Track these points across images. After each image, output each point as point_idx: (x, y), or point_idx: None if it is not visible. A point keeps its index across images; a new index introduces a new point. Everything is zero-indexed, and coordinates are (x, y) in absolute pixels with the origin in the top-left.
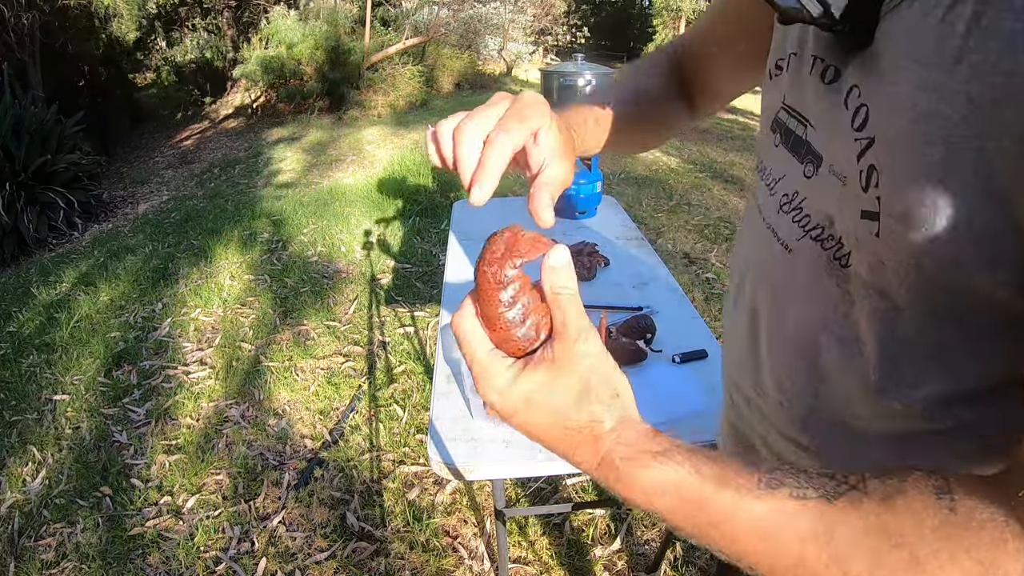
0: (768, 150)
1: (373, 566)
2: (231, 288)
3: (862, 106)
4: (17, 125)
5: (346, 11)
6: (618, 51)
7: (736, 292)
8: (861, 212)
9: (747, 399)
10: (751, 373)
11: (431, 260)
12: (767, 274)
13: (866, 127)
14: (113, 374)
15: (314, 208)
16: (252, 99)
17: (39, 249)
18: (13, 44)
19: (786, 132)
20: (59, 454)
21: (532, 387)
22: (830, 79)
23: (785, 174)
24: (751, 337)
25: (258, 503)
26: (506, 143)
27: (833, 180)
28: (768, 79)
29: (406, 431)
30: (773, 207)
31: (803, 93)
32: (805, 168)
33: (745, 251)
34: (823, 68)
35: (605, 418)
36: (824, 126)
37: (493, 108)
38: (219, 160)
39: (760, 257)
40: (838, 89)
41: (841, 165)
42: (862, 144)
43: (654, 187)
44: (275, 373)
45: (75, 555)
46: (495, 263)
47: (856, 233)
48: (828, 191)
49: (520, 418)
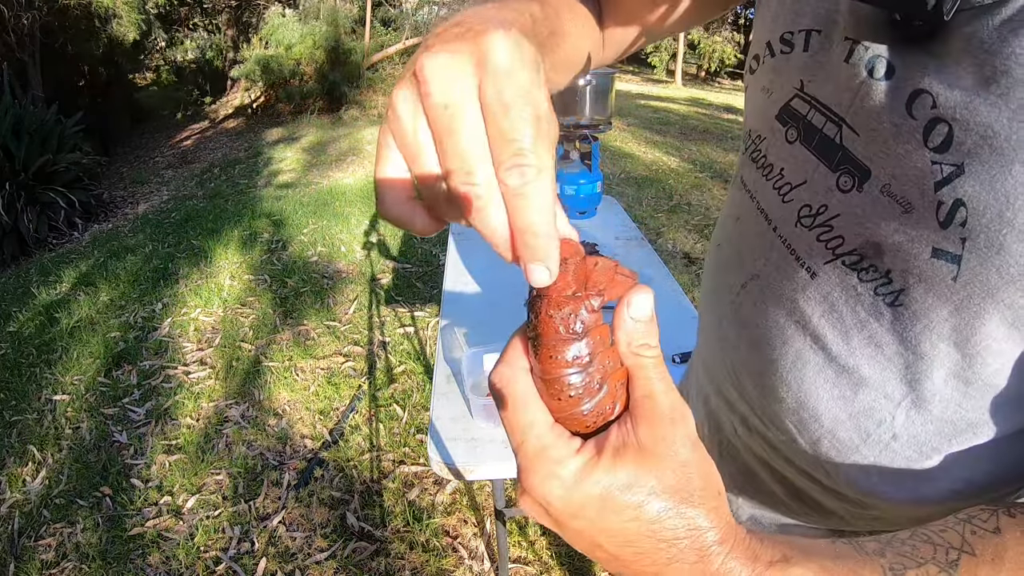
0: (775, 145)
1: (373, 566)
2: (231, 288)
3: (939, 121)
4: (17, 125)
5: (346, 11)
6: None
7: (730, 298)
8: (933, 250)
9: (744, 422)
10: (756, 401)
11: (431, 260)
12: (781, 297)
13: (950, 150)
14: (113, 374)
15: (314, 208)
16: (252, 99)
17: (39, 249)
18: (13, 44)
19: (807, 128)
20: (59, 454)
21: (613, 482)
22: (882, 75)
23: (806, 180)
24: (756, 363)
25: (258, 503)
26: (546, 189)
27: (887, 203)
28: (766, 54)
29: (406, 431)
30: (787, 218)
31: (834, 84)
32: (840, 179)
33: (742, 256)
34: (871, 59)
35: (711, 525)
36: (873, 133)
37: (463, 108)
38: (219, 160)
39: (768, 273)
40: (896, 91)
41: (904, 188)
42: (943, 171)
43: (654, 187)
44: (275, 373)
45: (75, 555)
46: (567, 304)
47: (921, 272)
48: (878, 214)
49: (586, 522)
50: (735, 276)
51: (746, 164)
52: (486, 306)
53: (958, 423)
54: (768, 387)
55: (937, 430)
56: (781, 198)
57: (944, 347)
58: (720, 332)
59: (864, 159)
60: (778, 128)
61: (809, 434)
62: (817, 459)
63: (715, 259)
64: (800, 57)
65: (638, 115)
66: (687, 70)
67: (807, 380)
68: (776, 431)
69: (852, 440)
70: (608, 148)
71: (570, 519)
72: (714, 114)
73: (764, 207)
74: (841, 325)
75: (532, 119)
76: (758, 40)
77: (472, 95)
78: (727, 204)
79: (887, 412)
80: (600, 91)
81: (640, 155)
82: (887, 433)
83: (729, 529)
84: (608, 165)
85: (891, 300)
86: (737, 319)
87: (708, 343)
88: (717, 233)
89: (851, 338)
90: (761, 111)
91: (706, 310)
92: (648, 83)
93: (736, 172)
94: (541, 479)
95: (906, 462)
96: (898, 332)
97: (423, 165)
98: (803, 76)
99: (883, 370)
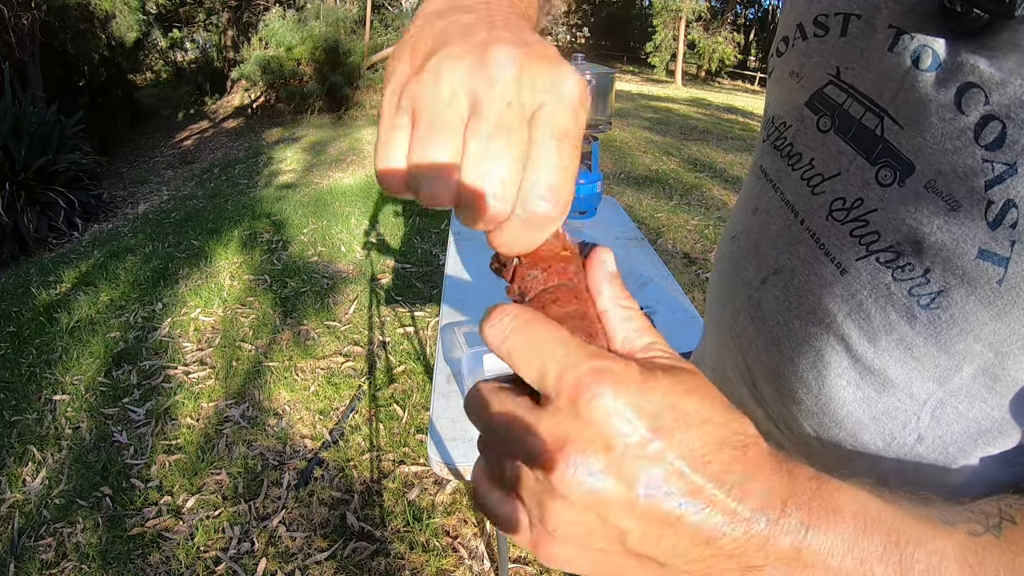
0: (804, 133)
1: (373, 566)
2: (231, 288)
3: (992, 119)
4: (17, 125)
5: (346, 11)
6: (618, 51)
7: (748, 293)
8: (979, 251)
9: (755, 424)
10: (772, 403)
11: (431, 260)
12: (805, 293)
13: (1003, 148)
14: (113, 374)
15: (314, 208)
16: (252, 99)
17: (39, 249)
18: (13, 44)
19: (843, 117)
20: (59, 454)
21: (669, 389)
22: (928, 66)
23: (839, 172)
24: (774, 361)
25: (258, 503)
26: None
27: (932, 199)
28: (797, 36)
29: (406, 431)
30: (817, 211)
31: (874, 73)
32: (880, 173)
33: (763, 250)
34: (916, 49)
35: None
36: (918, 127)
37: (519, 115)
38: (219, 160)
39: (793, 267)
40: (945, 84)
41: (950, 185)
42: (995, 169)
43: (654, 187)
44: (275, 373)
45: (75, 555)
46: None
47: (965, 273)
48: (921, 211)
49: (678, 436)
50: (754, 270)
51: (767, 153)
52: (486, 306)
53: (982, 421)
54: (786, 388)
55: (963, 429)
56: (811, 190)
57: (979, 348)
58: (735, 329)
59: (908, 153)
60: (808, 116)
61: (829, 438)
62: (836, 465)
63: (730, 252)
64: (836, 42)
65: (638, 115)
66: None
67: (829, 382)
68: (791, 434)
69: (875, 444)
70: (608, 148)
71: (672, 431)
72: (714, 114)
73: (790, 199)
74: (868, 325)
75: (575, 154)
76: (788, 21)
77: (526, 110)
78: (744, 195)
79: (912, 413)
80: (600, 91)
81: (640, 155)
82: (912, 436)
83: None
84: (608, 165)
85: (927, 302)
86: (756, 315)
87: (719, 340)
88: (731, 225)
89: (879, 339)
90: (788, 97)
91: (718, 305)
92: (648, 83)
93: (754, 161)
94: (626, 398)
95: (931, 467)
96: (932, 335)
97: (443, 150)
98: (839, 62)
99: (911, 371)
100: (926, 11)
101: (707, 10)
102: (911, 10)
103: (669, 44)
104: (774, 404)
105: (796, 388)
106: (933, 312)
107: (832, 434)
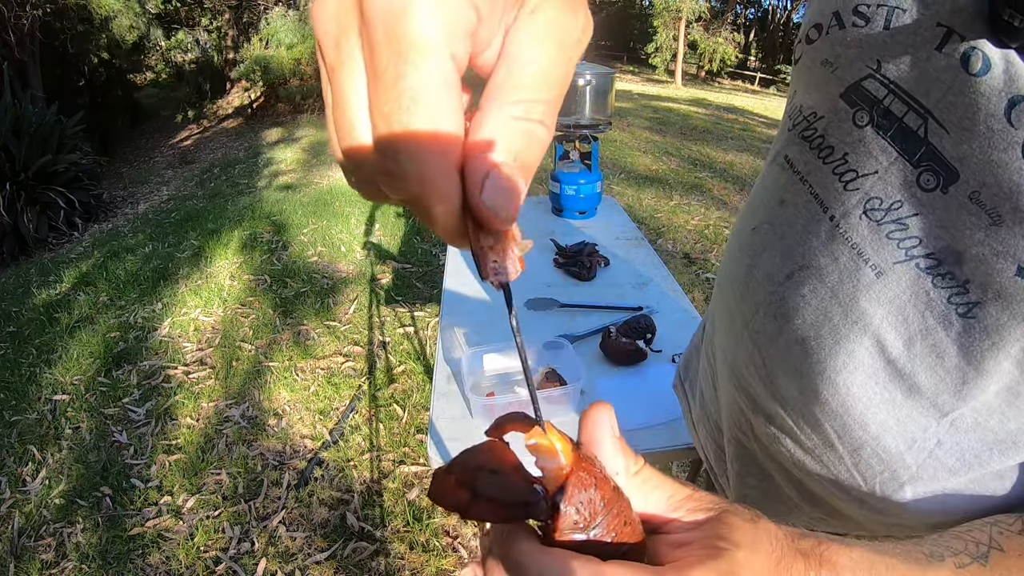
0: (838, 126)
1: (373, 566)
2: (231, 288)
3: None
4: (17, 125)
5: None
6: (618, 51)
7: (770, 288)
8: (1019, 268)
9: (771, 421)
10: (792, 401)
11: (431, 260)
12: (837, 293)
13: None
14: (113, 374)
15: (314, 208)
16: (252, 99)
17: (39, 249)
18: (13, 44)
19: (885, 115)
20: (59, 454)
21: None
22: (978, 71)
23: (877, 171)
24: (798, 360)
25: (258, 503)
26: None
27: (975, 211)
28: (832, 24)
29: (406, 431)
30: (850, 209)
31: (920, 72)
32: (922, 177)
33: (788, 244)
34: (966, 51)
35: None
36: (966, 134)
37: None
38: (219, 160)
39: (824, 265)
40: (995, 93)
41: (995, 198)
42: None
43: (654, 187)
44: (275, 373)
45: (75, 555)
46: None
47: (1002, 289)
48: (963, 221)
49: None
50: (778, 265)
51: (794, 143)
52: (486, 306)
53: (999, 432)
54: (810, 387)
55: (980, 438)
56: (843, 185)
57: (1008, 366)
58: (753, 324)
59: (953, 160)
60: (843, 108)
61: (851, 439)
62: (856, 465)
63: (750, 243)
64: (879, 35)
65: (638, 115)
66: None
67: (857, 383)
68: (811, 433)
69: (897, 447)
70: (608, 148)
71: None
72: (714, 114)
73: (819, 192)
74: (906, 329)
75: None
76: (821, 8)
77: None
78: (765, 184)
79: (933, 419)
80: (600, 91)
81: (640, 155)
82: (932, 439)
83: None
84: (608, 165)
85: (964, 311)
86: (779, 312)
87: (732, 332)
88: (752, 215)
89: (914, 344)
90: (820, 86)
91: (734, 297)
92: (648, 83)
93: (777, 150)
94: None
95: (947, 472)
96: (964, 345)
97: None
98: (880, 56)
99: (939, 381)
100: (976, 15)
101: (707, 10)
102: (962, 9)
103: (669, 44)
104: (795, 403)
105: (821, 388)
106: (969, 321)
107: (856, 435)
